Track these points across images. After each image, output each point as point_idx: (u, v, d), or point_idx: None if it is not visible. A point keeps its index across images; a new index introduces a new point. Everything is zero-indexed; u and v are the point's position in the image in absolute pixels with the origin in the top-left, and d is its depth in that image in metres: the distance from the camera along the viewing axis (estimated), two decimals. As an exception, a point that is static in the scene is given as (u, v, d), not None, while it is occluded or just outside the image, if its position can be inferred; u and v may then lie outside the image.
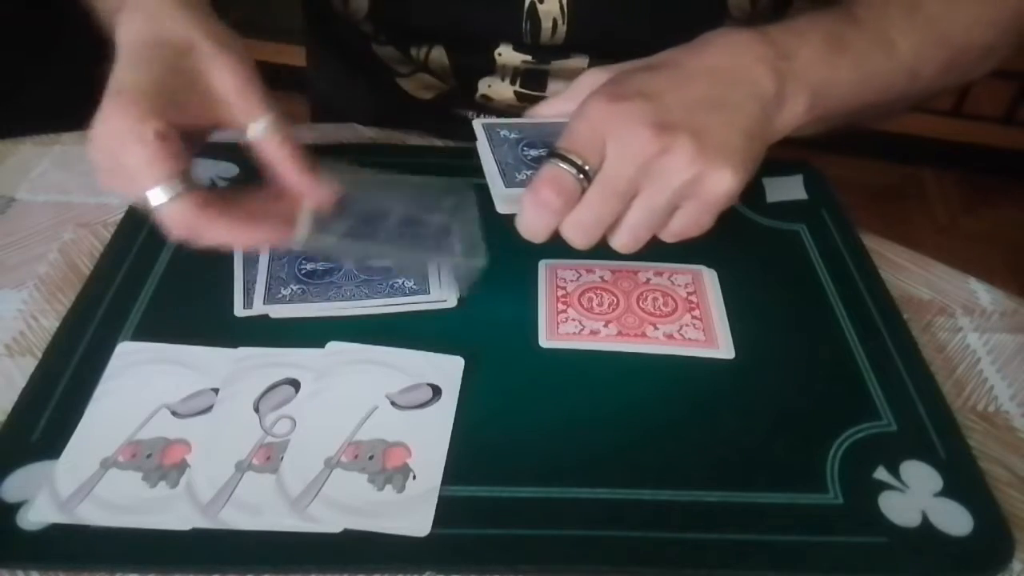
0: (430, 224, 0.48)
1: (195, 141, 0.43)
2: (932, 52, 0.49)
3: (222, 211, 0.41)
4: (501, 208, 0.44)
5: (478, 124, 0.46)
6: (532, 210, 0.41)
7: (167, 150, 0.39)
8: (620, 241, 0.43)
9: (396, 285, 0.49)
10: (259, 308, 0.48)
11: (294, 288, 0.49)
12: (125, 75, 0.40)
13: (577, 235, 0.42)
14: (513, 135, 0.46)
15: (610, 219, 0.42)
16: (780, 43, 0.44)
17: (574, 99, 0.44)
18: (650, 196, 0.41)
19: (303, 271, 0.50)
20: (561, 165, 0.40)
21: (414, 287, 0.49)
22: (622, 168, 0.40)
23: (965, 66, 0.52)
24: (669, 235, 0.44)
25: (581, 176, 0.41)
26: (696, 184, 0.41)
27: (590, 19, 0.58)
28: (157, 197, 0.39)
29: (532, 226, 0.42)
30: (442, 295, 0.49)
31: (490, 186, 0.44)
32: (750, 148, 0.42)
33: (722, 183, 0.41)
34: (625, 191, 0.41)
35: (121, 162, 0.39)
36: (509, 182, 0.43)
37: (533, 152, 0.45)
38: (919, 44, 0.48)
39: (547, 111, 0.47)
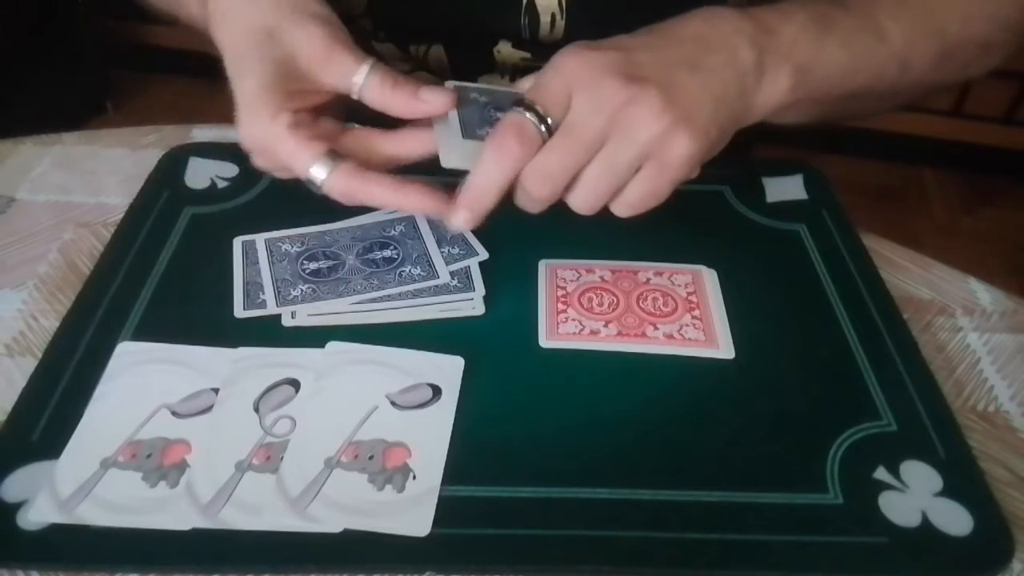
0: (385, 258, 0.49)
1: (334, 110, 0.45)
2: (924, 41, 0.49)
3: (375, 178, 0.43)
4: (448, 161, 0.42)
5: (449, 85, 0.45)
6: (491, 157, 0.40)
7: (306, 135, 0.42)
8: (578, 199, 0.42)
9: (404, 273, 0.49)
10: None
11: (303, 288, 0.48)
12: (242, 82, 0.43)
13: (537, 184, 0.41)
14: (483, 98, 0.45)
15: (573, 169, 0.41)
16: (762, 19, 0.44)
17: None
18: (614, 150, 0.40)
19: (307, 270, 0.50)
20: (525, 114, 0.40)
21: (421, 273, 0.49)
22: (588, 117, 0.40)
23: (961, 60, 0.52)
24: (625, 205, 0.43)
25: (544, 128, 0.40)
26: (659, 142, 0.40)
27: (589, 14, 0.58)
28: (318, 175, 0.43)
29: (488, 175, 0.41)
30: (471, 300, 0.49)
31: (443, 141, 0.43)
32: (718, 115, 0.42)
33: (682, 145, 0.40)
34: (590, 141, 0.40)
35: (275, 159, 0.44)
36: (468, 135, 0.42)
37: (500, 115, 0.42)
38: (910, 31, 0.48)
39: (527, 86, 0.47)
